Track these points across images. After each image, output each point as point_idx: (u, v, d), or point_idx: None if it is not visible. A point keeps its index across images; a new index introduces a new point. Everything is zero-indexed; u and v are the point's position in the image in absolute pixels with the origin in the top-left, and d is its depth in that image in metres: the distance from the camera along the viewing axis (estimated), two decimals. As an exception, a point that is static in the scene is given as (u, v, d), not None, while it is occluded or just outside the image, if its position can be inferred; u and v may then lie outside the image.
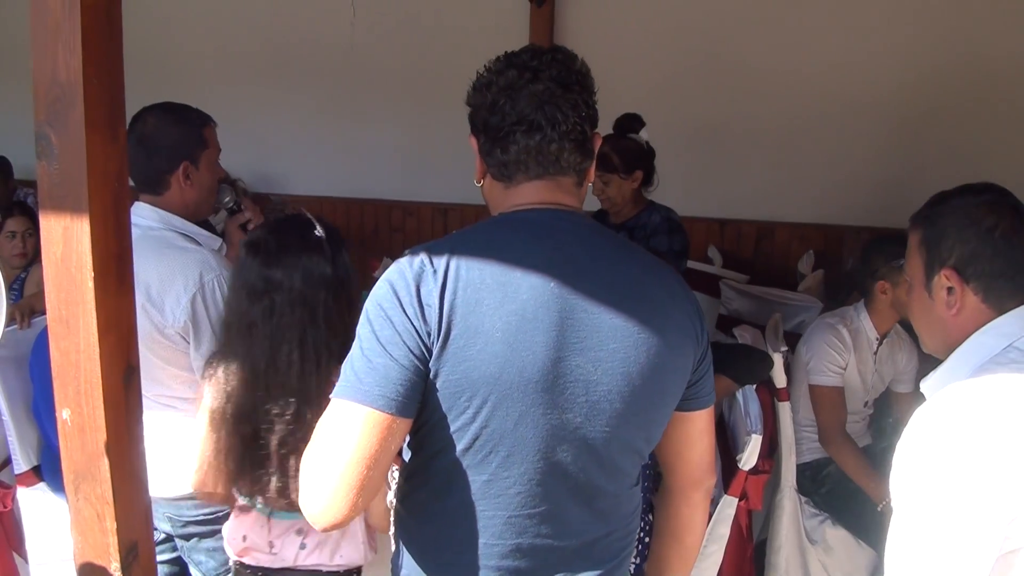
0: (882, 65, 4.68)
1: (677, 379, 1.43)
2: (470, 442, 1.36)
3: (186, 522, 2.26)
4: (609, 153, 3.35)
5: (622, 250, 1.43)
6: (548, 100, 1.40)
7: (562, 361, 1.32)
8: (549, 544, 1.43)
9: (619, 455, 1.42)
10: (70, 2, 1.37)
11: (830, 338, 3.10)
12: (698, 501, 1.62)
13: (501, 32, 5.19)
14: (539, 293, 1.31)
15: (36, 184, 4.39)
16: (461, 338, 1.30)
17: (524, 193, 1.45)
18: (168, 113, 2.19)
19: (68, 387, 1.48)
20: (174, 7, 5.59)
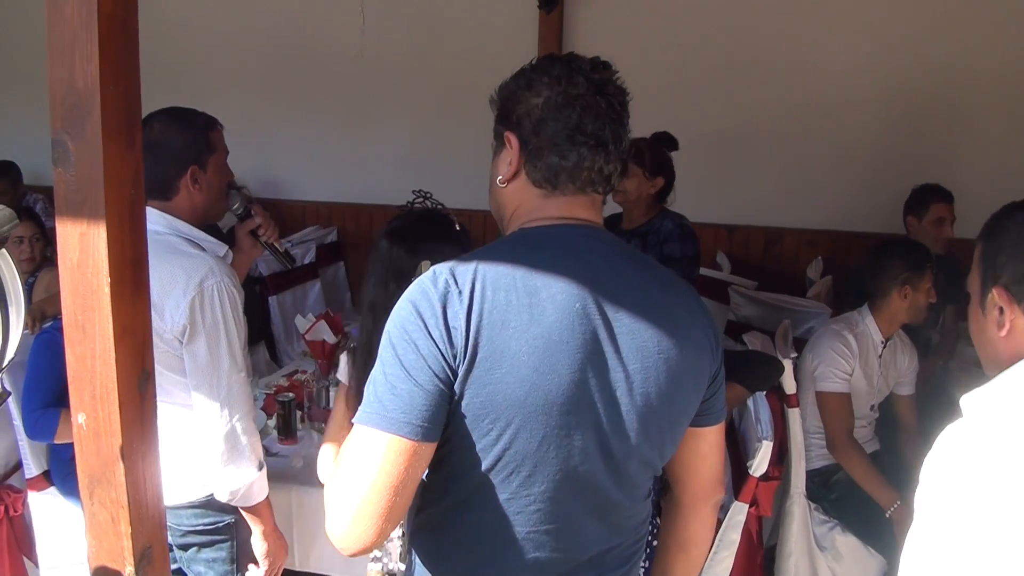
0: (892, 72, 4.69)
1: (693, 396, 1.43)
2: (492, 462, 1.33)
3: (185, 531, 2.24)
4: (644, 149, 3.41)
5: (644, 268, 1.41)
6: (614, 118, 1.38)
7: (586, 383, 1.30)
8: (563, 557, 1.42)
9: (636, 471, 1.41)
10: (87, 11, 1.38)
11: (836, 345, 3.10)
12: (707, 515, 1.62)
13: (510, 39, 5.21)
14: (565, 315, 1.29)
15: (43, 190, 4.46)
16: (487, 361, 1.27)
17: (561, 205, 1.40)
18: (174, 118, 2.18)
19: (84, 392, 1.49)
20: (183, 13, 5.62)
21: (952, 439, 1.24)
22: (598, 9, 5.12)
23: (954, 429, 1.25)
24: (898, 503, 2.91)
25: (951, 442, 1.24)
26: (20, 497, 3.01)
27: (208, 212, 2.26)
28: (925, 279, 3.08)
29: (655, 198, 3.49)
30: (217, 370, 2.07)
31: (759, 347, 3.08)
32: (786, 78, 4.88)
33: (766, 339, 3.21)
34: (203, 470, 2.13)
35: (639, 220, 3.51)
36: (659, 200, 3.51)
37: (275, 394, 3.15)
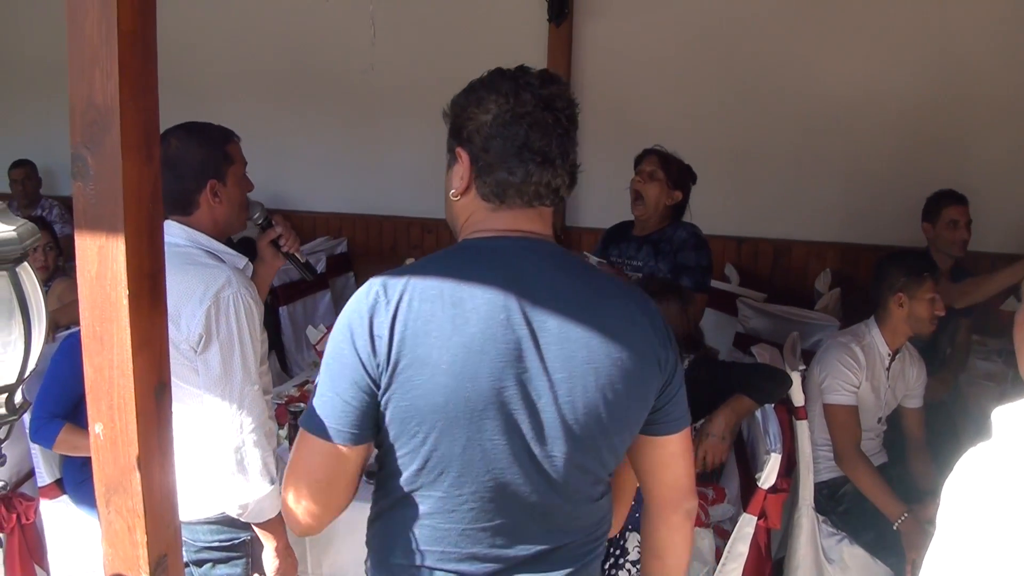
0: (901, 85, 4.70)
1: (635, 405, 1.44)
2: (422, 464, 1.41)
3: (201, 547, 2.23)
4: (672, 162, 3.53)
5: (583, 279, 1.44)
6: (561, 132, 1.42)
7: (507, 390, 1.35)
8: (505, 553, 1.47)
9: (573, 477, 1.44)
10: (107, 29, 1.41)
11: (843, 357, 3.10)
12: (677, 523, 1.60)
13: (520, 51, 5.18)
14: (487, 324, 1.34)
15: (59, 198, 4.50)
16: (410, 368, 1.34)
17: (507, 219, 1.44)
18: (191, 134, 2.18)
19: (101, 402, 1.51)
20: (194, 27, 5.66)
21: (982, 457, 1.21)
22: (607, 22, 5.15)
23: (984, 447, 1.22)
24: (906, 515, 2.91)
25: (980, 461, 1.21)
26: (32, 505, 3.03)
27: (229, 224, 2.26)
28: (922, 288, 3.05)
29: (670, 211, 3.54)
30: (230, 382, 2.07)
31: (768, 360, 3.08)
32: (795, 90, 4.90)
33: (775, 351, 3.22)
34: (218, 485, 2.13)
35: (653, 228, 3.56)
36: (673, 215, 3.57)
37: (286, 404, 3.17)
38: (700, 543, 2.48)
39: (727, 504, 2.64)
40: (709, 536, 2.50)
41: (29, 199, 5.83)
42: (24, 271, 1.19)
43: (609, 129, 5.13)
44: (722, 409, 2.66)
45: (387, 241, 5.76)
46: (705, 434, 2.63)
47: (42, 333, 1.21)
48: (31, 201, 5.84)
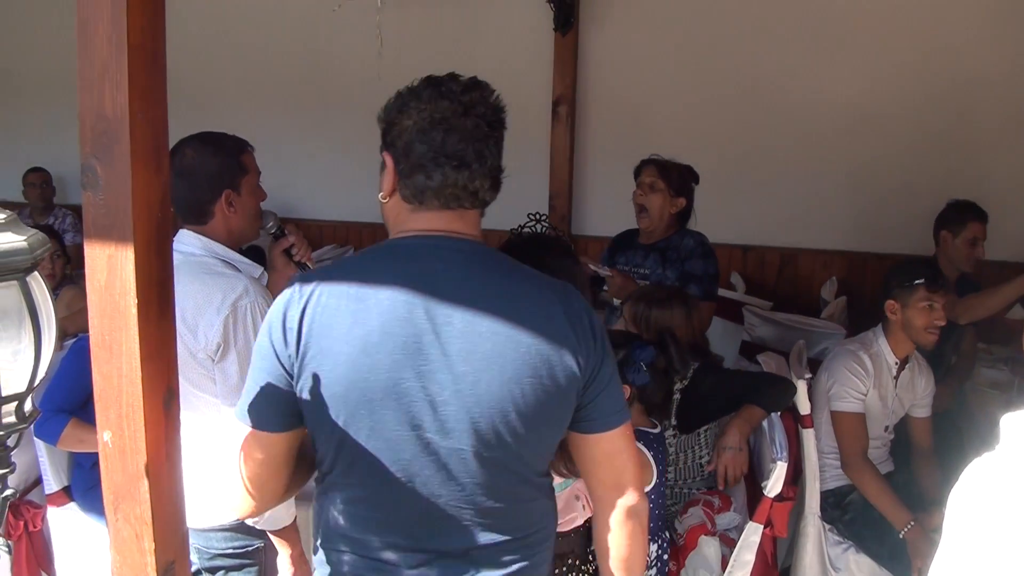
0: (907, 92, 4.70)
1: (550, 402, 1.45)
2: (335, 452, 1.49)
3: (214, 554, 2.24)
4: (671, 169, 3.55)
5: (497, 276, 1.47)
6: (479, 138, 1.46)
7: (406, 382, 1.41)
8: (425, 545, 1.51)
9: (489, 474, 1.46)
10: (117, 42, 1.43)
11: (851, 364, 3.10)
12: (620, 521, 1.57)
13: (525, 60, 5.26)
14: (387, 319, 1.41)
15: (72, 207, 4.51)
16: (315, 359, 1.43)
17: (425, 219, 1.50)
18: (206, 144, 2.20)
19: (110, 410, 1.52)
20: (201, 38, 5.69)
21: (989, 466, 1.21)
22: (613, 30, 5.17)
23: (991, 456, 1.23)
24: (912, 523, 2.91)
25: (987, 469, 1.21)
26: (40, 512, 3.03)
27: (243, 233, 2.28)
28: (914, 295, 3.03)
29: (675, 218, 3.55)
30: None
31: (773, 368, 3.08)
32: (801, 97, 4.90)
33: (781, 360, 3.22)
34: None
35: (659, 236, 3.57)
36: (679, 222, 3.57)
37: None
38: (706, 551, 2.48)
39: (733, 512, 2.64)
40: (715, 544, 2.50)
41: (46, 203, 5.87)
42: (34, 280, 1.20)
43: (615, 137, 5.15)
44: (734, 420, 2.66)
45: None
46: (721, 448, 2.62)
47: (52, 342, 1.22)
48: (47, 207, 5.88)
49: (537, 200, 5.11)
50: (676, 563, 2.52)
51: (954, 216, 3.96)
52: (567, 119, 5.15)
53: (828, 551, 3.08)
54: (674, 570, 2.52)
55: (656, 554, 2.39)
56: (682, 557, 2.51)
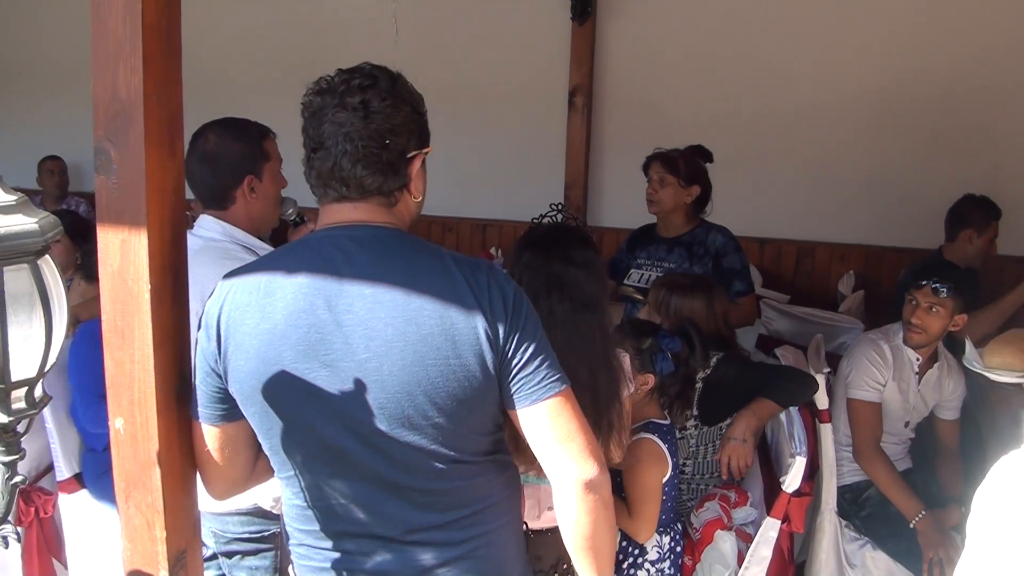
0: (926, 85, 4.65)
1: (462, 383, 1.43)
2: (270, 445, 1.53)
3: (230, 539, 2.25)
4: (678, 158, 3.51)
5: (401, 262, 1.45)
6: (349, 130, 1.45)
7: (312, 372, 1.43)
8: (373, 531, 1.51)
9: (415, 458, 1.46)
10: (132, 23, 1.41)
11: (871, 353, 3.07)
12: (570, 494, 1.50)
13: (542, 50, 5.23)
14: (291, 312, 1.43)
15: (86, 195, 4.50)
16: (232, 354, 1.46)
17: (328, 213, 1.52)
18: (229, 129, 2.21)
19: (122, 397, 1.51)
20: (218, 26, 5.69)
21: (1016, 465, 1.20)
22: (630, 20, 5.12)
23: (1018, 454, 1.21)
24: (923, 513, 2.89)
25: (1015, 468, 1.20)
26: (51, 499, 3.03)
27: (263, 220, 2.28)
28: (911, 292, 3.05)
29: (693, 207, 3.53)
30: None
31: (792, 362, 3.05)
32: (820, 90, 4.86)
33: (799, 354, 3.19)
34: None
35: (680, 229, 3.56)
36: (697, 210, 3.55)
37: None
38: (722, 546, 2.45)
39: (750, 507, 2.60)
40: (731, 539, 2.47)
41: (61, 191, 5.90)
42: (46, 264, 1.18)
43: (631, 128, 5.12)
44: (743, 413, 2.62)
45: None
46: (726, 438, 2.60)
47: (63, 327, 1.20)
48: (61, 195, 5.90)
49: (552, 190, 5.09)
50: (692, 557, 2.50)
51: (979, 216, 3.94)
52: (583, 109, 5.12)
53: (844, 547, 3.05)
54: (689, 564, 2.49)
55: (669, 546, 2.37)
56: (698, 551, 2.49)
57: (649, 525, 2.24)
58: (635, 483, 2.17)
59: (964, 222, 3.94)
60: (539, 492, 2.04)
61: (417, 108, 1.54)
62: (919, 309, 3.01)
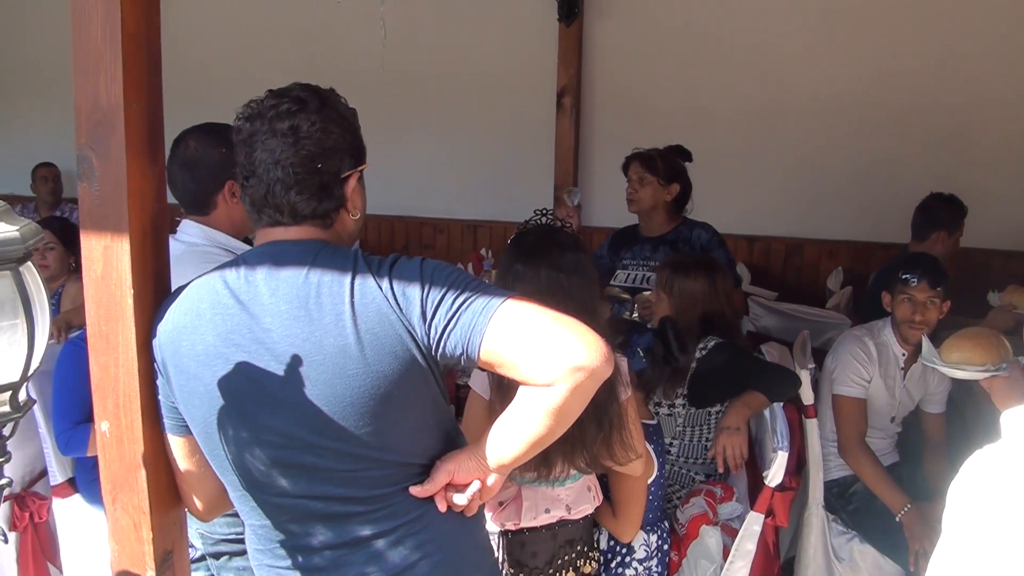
0: (910, 81, 4.67)
1: (384, 386, 1.41)
2: (214, 463, 1.54)
3: (217, 539, 2.26)
4: (656, 157, 3.57)
5: (312, 274, 1.43)
6: (279, 157, 1.45)
7: (242, 390, 1.44)
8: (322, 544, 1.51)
9: (349, 467, 1.46)
10: (111, 31, 1.43)
11: (855, 349, 3.09)
12: (566, 381, 1.36)
13: (530, 51, 5.25)
14: (220, 333, 1.44)
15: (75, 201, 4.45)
16: (174, 376, 1.49)
17: (262, 236, 1.52)
18: (209, 134, 2.22)
19: (107, 400, 1.53)
20: (206, 29, 5.73)
21: (989, 460, 1.21)
22: (617, 21, 5.15)
23: (991, 450, 1.22)
24: (908, 506, 2.92)
25: (988, 463, 1.21)
26: (45, 504, 3.05)
27: (245, 224, 2.28)
28: (898, 287, 3.06)
29: (673, 206, 3.57)
30: None
31: (777, 358, 3.08)
32: (807, 88, 4.88)
33: (784, 350, 3.22)
34: None
35: (663, 227, 3.60)
36: (677, 208, 3.58)
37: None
38: (708, 541, 2.48)
39: (735, 502, 2.63)
40: (717, 534, 2.50)
41: (55, 198, 5.91)
42: (28, 270, 1.20)
43: (620, 128, 5.14)
44: (735, 403, 2.66)
45: (399, 241, 5.78)
46: (720, 428, 2.63)
47: (46, 331, 1.22)
48: (56, 201, 5.92)
49: (542, 191, 5.11)
50: (678, 553, 2.52)
51: (950, 217, 3.97)
52: (571, 110, 5.14)
53: (832, 541, 3.08)
54: (676, 560, 2.51)
55: (656, 544, 2.39)
56: (684, 547, 2.51)
57: (633, 526, 2.27)
58: (620, 484, 2.19)
59: (935, 224, 3.97)
60: (535, 494, 2.07)
61: (349, 127, 1.53)
62: (919, 305, 3.02)
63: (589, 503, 2.14)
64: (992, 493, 1.17)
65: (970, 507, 1.20)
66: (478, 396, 2.01)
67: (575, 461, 1.99)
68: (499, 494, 2.06)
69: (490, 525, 2.08)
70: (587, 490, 2.14)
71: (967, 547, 1.19)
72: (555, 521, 2.11)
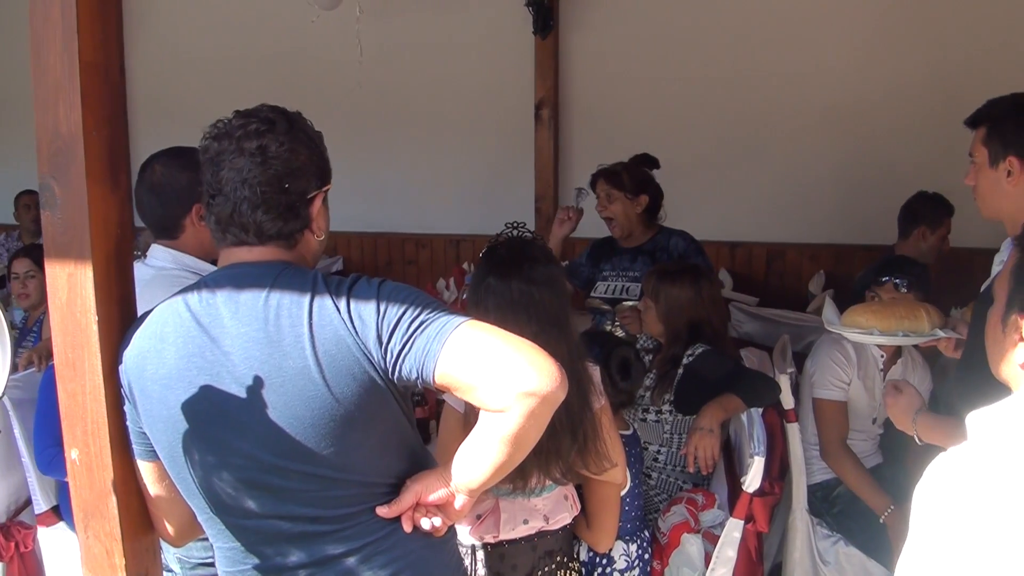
0: (887, 83, 4.70)
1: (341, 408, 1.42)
2: (181, 486, 1.54)
3: (195, 564, 2.25)
4: (621, 172, 3.59)
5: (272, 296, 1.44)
6: (247, 176, 1.46)
7: (205, 413, 1.45)
8: (288, 565, 1.51)
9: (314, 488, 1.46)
10: (69, 61, 1.45)
11: (834, 353, 3.10)
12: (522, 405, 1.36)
13: (506, 65, 5.28)
14: (182, 357, 1.45)
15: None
16: (139, 400, 1.50)
17: (226, 256, 1.53)
18: (175, 158, 2.22)
19: (76, 428, 1.54)
20: (183, 50, 5.72)
21: (955, 462, 1.20)
22: (592, 32, 5.18)
23: (957, 452, 1.21)
24: (891, 508, 2.93)
25: (954, 465, 1.20)
26: (31, 533, 3.04)
27: (214, 247, 2.29)
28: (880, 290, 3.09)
29: (645, 216, 3.58)
30: None
31: (756, 364, 3.09)
32: (783, 94, 4.90)
33: (764, 355, 3.23)
34: None
35: (640, 238, 3.62)
36: (650, 217, 3.60)
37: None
38: (689, 549, 2.48)
39: (717, 510, 2.63)
40: (698, 542, 2.50)
41: (39, 226, 5.89)
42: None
43: (598, 139, 5.17)
44: (709, 404, 2.66)
45: (382, 257, 5.78)
46: (693, 428, 2.63)
47: (7, 358, 1.23)
48: (39, 229, 5.90)
49: (523, 203, 5.13)
50: (660, 562, 2.52)
51: (931, 213, 4.02)
52: (550, 122, 5.16)
53: (817, 545, 3.08)
54: (658, 569, 2.51)
55: (637, 554, 2.40)
56: (666, 555, 2.51)
57: (608, 536, 2.27)
58: (593, 494, 2.19)
59: (917, 219, 4.01)
60: (513, 506, 2.07)
61: (315, 149, 1.55)
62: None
63: (567, 512, 2.15)
64: (958, 495, 1.17)
65: (936, 510, 1.19)
66: (452, 409, 2.02)
67: (551, 472, 1.99)
68: (477, 507, 2.07)
69: (468, 539, 2.09)
70: (564, 499, 2.14)
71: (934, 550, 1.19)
72: (534, 532, 2.11)
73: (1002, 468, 1.15)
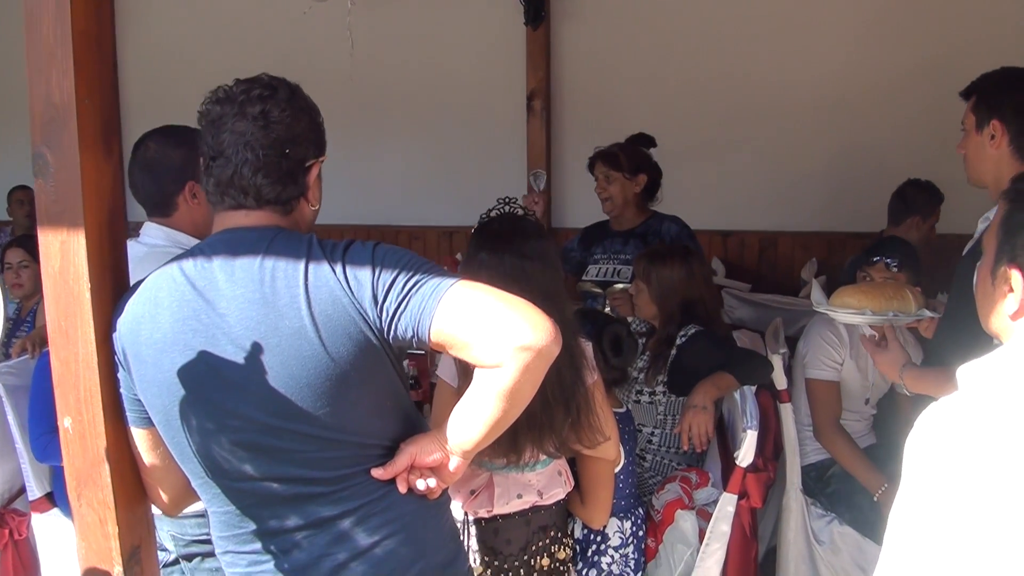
0: (879, 71, 4.72)
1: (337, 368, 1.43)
2: (176, 452, 1.55)
3: (189, 541, 2.25)
4: (618, 153, 3.60)
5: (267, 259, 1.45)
6: (249, 140, 1.48)
7: (202, 376, 1.45)
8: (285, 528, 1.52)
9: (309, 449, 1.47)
10: (62, 29, 1.45)
11: (826, 333, 3.11)
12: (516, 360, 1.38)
13: (498, 56, 5.29)
14: (176, 320, 1.46)
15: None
16: (134, 366, 1.50)
17: (222, 220, 1.54)
18: (168, 136, 2.23)
19: (68, 395, 1.54)
20: (174, 43, 5.72)
21: (946, 413, 1.21)
22: (583, 22, 5.20)
23: (946, 402, 1.22)
24: (885, 486, 2.93)
25: (945, 416, 1.20)
26: (24, 520, 3.04)
27: (208, 224, 2.27)
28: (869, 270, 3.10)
29: (642, 197, 3.59)
30: None
31: (748, 345, 3.10)
32: (776, 82, 4.92)
33: (756, 337, 3.24)
34: None
35: (633, 221, 3.62)
36: (647, 199, 3.60)
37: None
38: (683, 525, 2.48)
39: (711, 488, 2.64)
40: (692, 518, 2.50)
41: (32, 221, 5.90)
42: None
43: (590, 129, 5.16)
44: (702, 382, 2.67)
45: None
46: (686, 406, 2.64)
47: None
48: (32, 224, 5.89)
49: (515, 194, 5.08)
50: (654, 539, 2.52)
51: (925, 202, 4.06)
52: (542, 113, 5.18)
53: (811, 524, 3.09)
54: (652, 546, 2.52)
55: (631, 531, 2.40)
56: (660, 532, 2.52)
57: (602, 512, 2.27)
58: (588, 469, 2.20)
59: (910, 209, 4.04)
60: (507, 480, 2.08)
61: (314, 118, 1.58)
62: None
63: (561, 487, 2.16)
64: (950, 444, 1.17)
65: (928, 459, 1.20)
66: (446, 384, 2.03)
67: (544, 446, 2.00)
68: (470, 482, 2.08)
69: (462, 513, 2.09)
70: (558, 475, 2.15)
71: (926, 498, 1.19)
72: (528, 507, 2.12)
73: (993, 418, 1.16)
